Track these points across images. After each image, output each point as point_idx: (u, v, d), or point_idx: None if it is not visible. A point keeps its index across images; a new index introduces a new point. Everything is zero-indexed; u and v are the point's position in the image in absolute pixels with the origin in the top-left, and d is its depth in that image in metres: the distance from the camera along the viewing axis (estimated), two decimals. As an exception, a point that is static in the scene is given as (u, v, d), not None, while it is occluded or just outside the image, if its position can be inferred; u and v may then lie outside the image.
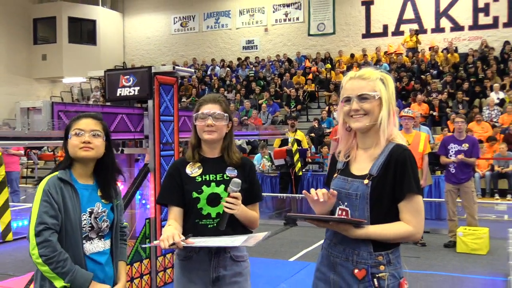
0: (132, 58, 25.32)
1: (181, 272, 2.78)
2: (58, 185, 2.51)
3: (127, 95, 6.00)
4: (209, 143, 2.81)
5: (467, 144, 7.97)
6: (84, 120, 2.64)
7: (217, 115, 2.77)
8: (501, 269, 6.45)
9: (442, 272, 6.68)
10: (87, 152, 2.58)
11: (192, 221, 2.74)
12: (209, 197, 2.74)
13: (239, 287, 2.80)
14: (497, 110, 14.90)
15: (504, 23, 19.46)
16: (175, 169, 2.83)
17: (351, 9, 21.66)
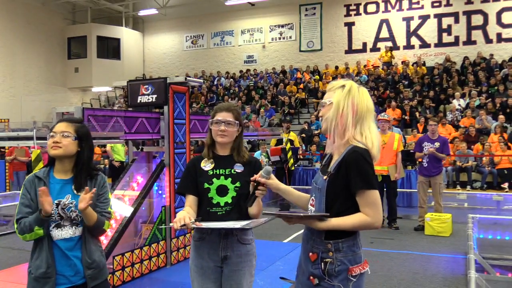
0: (151, 71, 25.26)
1: (195, 251, 2.81)
2: (33, 181, 2.58)
3: (146, 102, 5.99)
4: (221, 144, 2.85)
5: (439, 143, 7.98)
6: (58, 124, 2.65)
7: (230, 122, 2.81)
8: (461, 248, 6.44)
9: (412, 252, 6.67)
10: (55, 151, 2.58)
11: (204, 209, 2.77)
12: (218, 188, 2.77)
13: (243, 266, 2.82)
14: (458, 114, 14.87)
15: (463, 41, 19.44)
16: (192, 165, 2.87)
17: (336, 29, 21.61)
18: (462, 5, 19.42)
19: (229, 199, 2.77)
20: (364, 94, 2.29)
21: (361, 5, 21.07)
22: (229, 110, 2.84)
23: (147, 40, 25.89)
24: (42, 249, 2.56)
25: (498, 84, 15.92)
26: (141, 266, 5.44)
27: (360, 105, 2.25)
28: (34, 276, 2.53)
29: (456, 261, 6.12)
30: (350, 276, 2.17)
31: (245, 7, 22.55)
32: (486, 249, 6.07)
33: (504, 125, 13.38)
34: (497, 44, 18.86)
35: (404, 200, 10.35)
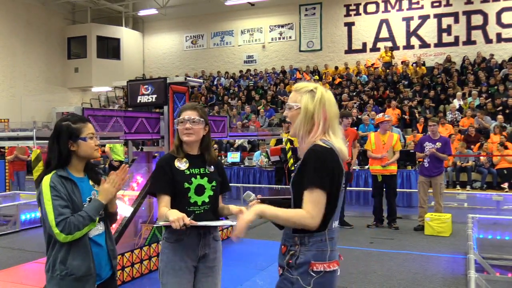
0: (151, 71, 25.26)
1: (172, 253, 2.77)
2: (60, 181, 2.47)
3: (146, 101, 6.00)
4: (188, 144, 2.86)
5: (440, 143, 7.97)
6: (90, 125, 2.66)
7: (194, 120, 2.83)
8: (461, 248, 6.43)
9: (412, 252, 6.67)
10: (98, 154, 2.69)
11: (182, 208, 2.73)
12: (197, 187, 2.80)
13: (218, 262, 2.91)
14: (457, 114, 14.87)
15: (463, 42, 19.45)
16: (165, 163, 2.83)
17: (336, 29, 21.62)
18: (462, 5, 19.42)
19: (206, 198, 2.82)
20: (332, 100, 2.32)
21: (361, 5, 21.07)
22: (194, 108, 2.87)
23: (147, 40, 25.89)
24: (79, 249, 2.49)
25: (498, 84, 15.92)
26: (141, 266, 5.44)
27: (330, 113, 2.28)
28: (75, 277, 2.47)
29: (456, 261, 6.12)
30: (311, 271, 2.15)
31: (245, 7, 22.55)
32: (486, 249, 6.07)
33: (503, 125, 13.38)
34: (497, 44, 18.86)
35: (404, 200, 10.35)
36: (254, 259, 6.17)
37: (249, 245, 6.91)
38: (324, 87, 2.38)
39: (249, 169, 12.43)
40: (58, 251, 2.48)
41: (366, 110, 15.66)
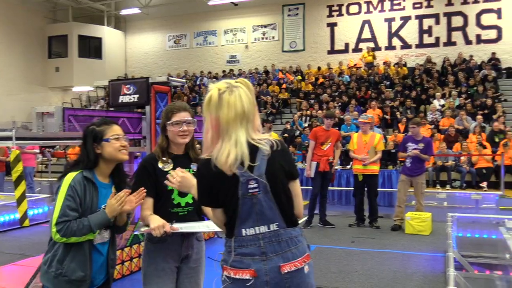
0: (133, 70, 25.08)
1: (155, 254, 2.76)
2: (82, 183, 2.48)
3: (128, 101, 5.96)
4: (179, 145, 2.82)
5: (423, 144, 8.05)
6: (117, 127, 2.64)
7: (190, 121, 2.79)
8: (441, 247, 6.52)
9: (393, 250, 6.74)
10: (125, 156, 2.63)
11: (165, 210, 2.72)
12: None
13: (201, 262, 2.90)
14: (438, 114, 15.06)
15: (444, 43, 19.72)
16: (149, 164, 2.77)
17: (318, 30, 21.73)
18: (442, 6, 19.69)
19: (190, 199, 2.78)
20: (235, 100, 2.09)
21: (343, 6, 21.21)
22: (186, 109, 2.82)
23: (129, 39, 25.71)
24: (79, 252, 2.49)
25: (477, 85, 16.17)
26: (122, 267, 5.41)
27: (224, 117, 2.08)
28: (68, 279, 2.47)
29: (435, 259, 6.20)
30: (224, 274, 2.14)
31: (228, 7, 22.53)
32: (465, 247, 6.15)
33: (482, 125, 13.59)
34: (476, 45, 19.16)
35: (385, 199, 10.45)
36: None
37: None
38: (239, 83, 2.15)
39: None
40: (58, 249, 2.50)
41: (348, 111, 15.77)
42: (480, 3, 19.12)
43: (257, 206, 2.09)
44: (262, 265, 2.07)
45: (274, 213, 2.11)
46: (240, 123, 2.09)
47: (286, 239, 2.12)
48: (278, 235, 2.11)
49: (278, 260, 2.08)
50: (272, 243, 2.09)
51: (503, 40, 18.80)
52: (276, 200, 2.11)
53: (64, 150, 17.73)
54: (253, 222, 2.10)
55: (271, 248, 2.09)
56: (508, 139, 12.52)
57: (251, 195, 2.08)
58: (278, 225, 2.11)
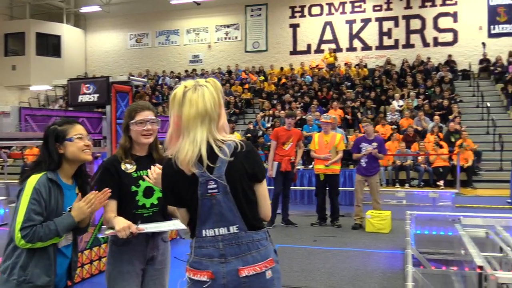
0: (93, 69, 24.59)
1: (120, 256, 2.71)
2: (47, 185, 2.39)
3: (88, 101, 5.84)
4: (143, 145, 2.78)
5: (376, 143, 8.21)
6: (79, 126, 2.58)
7: (153, 120, 2.76)
8: (400, 244, 6.66)
9: (354, 248, 6.85)
10: (89, 156, 2.56)
11: (129, 211, 2.68)
12: (145, 190, 2.73)
13: (166, 263, 2.87)
14: (397, 115, 15.39)
15: (403, 45, 20.19)
16: (112, 166, 2.73)
17: (281, 31, 21.86)
18: (401, 9, 20.15)
19: (155, 200, 2.75)
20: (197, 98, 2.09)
21: (305, 7, 21.42)
22: (150, 108, 2.80)
23: (90, 37, 25.19)
24: (43, 257, 2.41)
25: (435, 86, 16.63)
26: (82, 271, 5.30)
27: (185, 115, 2.08)
28: (32, 285, 2.38)
29: (394, 257, 6.34)
30: (186, 275, 2.13)
31: (191, 6, 22.38)
32: (423, 244, 6.30)
33: (439, 125, 13.98)
34: (433, 47, 19.71)
35: (346, 198, 10.60)
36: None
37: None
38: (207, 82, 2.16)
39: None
40: (20, 255, 2.39)
41: (310, 111, 15.93)
42: (437, 6, 19.68)
43: (217, 207, 2.06)
44: (220, 268, 2.04)
45: (234, 215, 2.07)
46: (201, 121, 2.07)
47: (247, 242, 2.08)
48: (238, 238, 2.07)
49: (237, 263, 2.05)
50: (231, 246, 2.06)
51: (459, 43, 19.41)
52: (236, 202, 2.07)
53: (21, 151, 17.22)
54: (212, 223, 2.07)
55: (230, 251, 2.06)
56: (463, 139, 12.93)
57: (210, 196, 2.05)
58: (239, 227, 2.07)
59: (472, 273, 3.77)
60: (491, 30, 19.07)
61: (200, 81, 2.15)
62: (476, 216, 5.93)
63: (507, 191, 10.47)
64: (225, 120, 2.17)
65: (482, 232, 5.42)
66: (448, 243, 5.95)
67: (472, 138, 13.38)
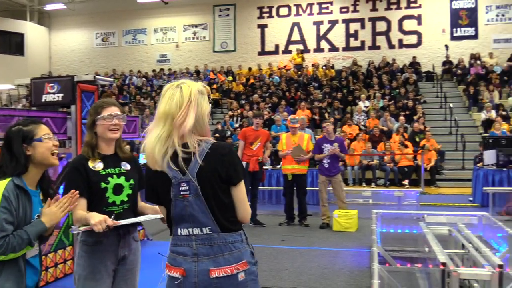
0: (58, 68, 24.06)
1: (91, 257, 2.68)
2: (15, 192, 2.26)
3: (52, 100, 5.71)
4: (111, 141, 2.77)
5: (337, 143, 8.33)
6: (45, 126, 2.46)
7: (120, 116, 2.77)
8: (366, 242, 6.76)
9: (322, 247, 6.91)
10: (57, 161, 2.47)
11: (99, 209, 2.65)
12: (115, 187, 2.72)
13: (137, 263, 2.87)
14: (363, 115, 15.62)
15: (369, 46, 20.53)
16: (80, 164, 2.70)
17: (249, 31, 21.89)
18: (367, 11, 20.47)
19: (125, 197, 2.75)
20: (168, 96, 2.13)
21: (273, 8, 21.51)
22: (116, 104, 2.82)
23: (54, 36, 24.64)
24: (14, 269, 2.28)
25: (400, 87, 16.95)
26: (46, 274, 5.17)
27: (157, 110, 2.17)
28: None
29: (361, 255, 6.43)
30: None
31: (158, 5, 22.17)
32: (388, 242, 6.41)
33: (404, 125, 14.27)
34: (399, 49, 20.10)
35: (313, 198, 10.67)
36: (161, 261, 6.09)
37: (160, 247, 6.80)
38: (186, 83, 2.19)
39: (163, 170, 12.21)
40: None
41: (278, 111, 16.00)
42: (402, 9, 20.09)
43: (189, 208, 2.09)
44: (192, 266, 2.08)
45: (206, 217, 2.09)
46: (165, 120, 2.09)
47: (220, 243, 2.09)
48: (210, 239, 2.09)
49: (208, 264, 2.07)
50: (204, 246, 2.09)
51: (423, 45, 19.86)
52: (208, 204, 2.08)
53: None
54: (186, 223, 2.11)
55: (203, 251, 2.09)
56: (427, 139, 13.23)
57: (182, 197, 2.09)
58: (211, 229, 2.09)
59: (436, 270, 3.86)
60: (453, 33, 19.59)
61: (182, 82, 2.17)
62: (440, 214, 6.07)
63: (469, 189, 10.76)
64: (201, 123, 2.16)
65: (445, 229, 5.56)
66: (412, 241, 6.07)
67: (435, 138, 13.71)
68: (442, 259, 3.69)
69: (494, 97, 15.89)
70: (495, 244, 5.23)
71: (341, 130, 14.43)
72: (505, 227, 5.04)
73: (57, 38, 24.59)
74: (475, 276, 3.85)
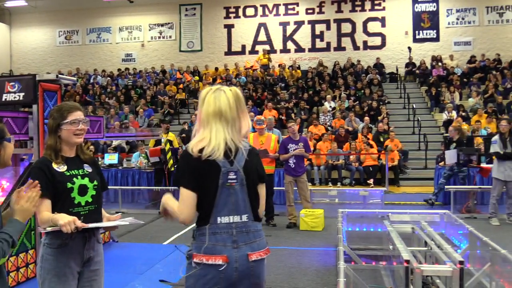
0: (19, 67, 23.40)
1: (57, 259, 2.65)
2: None
3: (13, 100, 5.56)
4: (72, 145, 2.79)
5: (302, 143, 8.41)
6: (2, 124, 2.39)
7: (85, 120, 2.80)
8: (332, 241, 6.83)
9: (289, 247, 6.95)
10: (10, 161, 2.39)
11: (65, 210, 2.64)
12: (80, 187, 2.72)
13: (102, 264, 2.87)
14: (329, 116, 15.80)
15: (334, 47, 20.78)
16: (44, 166, 2.69)
17: (216, 31, 21.83)
18: (333, 13, 20.72)
19: (90, 198, 2.76)
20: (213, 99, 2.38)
21: (240, 8, 21.51)
22: (80, 108, 2.85)
23: (15, 33, 23.93)
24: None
25: (364, 88, 17.23)
26: (8, 279, 5.02)
27: (204, 111, 2.38)
28: None
29: (327, 254, 6.50)
30: (193, 262, 2.29)
31: (123, 3, 21.84)
32: (354, 240, 6.50)
33: (369, 125, 14.51)
34: (363, 51, 20.43)
35: (280, 198, 10.71)
36: (133, 263, 6.02)
37: (127, 249, 6.72)
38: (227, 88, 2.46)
39: (128, 170, 12.06)
40: None
41: (245, 111, 15.98)
42: (367, 11, 20.43)
43: (233, 196, 2.33)
44: (233, 253, 2.29)
45: (246, 206, 2.36)
46: (218, 119, 2.35)
47: (253, 231, 2.37)
48: (247, 226, 2.35)
49: (246, 249, 2.32)
50: (242, 233, 2.33)
51: (386, 47, 20.24)
52: (248, 193, 2.37)
53: None
54: (228, 211, 2.32)
55: (241, 238, 2.32)
56: (391, 139, 13.50)
57: (229, 186, 2.32)
58: (248, 217, 2.36)
59: (400, 267, 3.94)
60: (416, 35, 20.05)
61: (222, 87, 2.46)
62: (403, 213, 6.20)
63: (432, 188, 11.02)
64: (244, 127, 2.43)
65: (409, 227, 5.68)
66: (377, 239, 6.18)
67: (399, 138, 14.00)
68: (405, 257, 3.77)
69: (455, 98, 16.35)
70: (456, 241, 5.38)
71: (307, 130, 14.55)
72: (465, 225, 5.19)
73: (18, 36, 23.90)
74: (437, 273, 3.96)
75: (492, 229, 7.81)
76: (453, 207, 8.98)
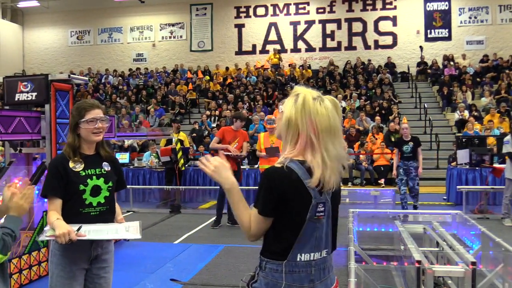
0: (32, 67, 23.62)
1: (63, 255, 2.69)
2: None
3: (25, 100, 5.62)
4: (91, 143, 2.80)
5: None
6: None
7: (104, 119, 2.79)
8: (343, 241, 6.76)
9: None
10: None
11: (76, 210, 2.67)
12: (93, 188, 2.73)
13: (110, 261, 2.87)
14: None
15: (345, 47, 20.70)
16: (60, 164, 2.71)
17: (226, 31, 21.85)
18: (344, 12, 20.65)
19: (102, 199, 2.76)
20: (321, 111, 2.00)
21: (250, 7, 21.51)
22: (99, 107, 2.83)
23: (28, 33, 24.16)
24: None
25: (375, 88, 17.15)
26: (20, 277, 5.07)
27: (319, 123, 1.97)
28: None
29: (338, 254, 6.45)
30: None
31: (135, 3, 21.96)
32: (365, 241, 6.48)
33: (380, 125, 14.43)
34: (374, 50, 20.32)
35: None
36: (144, 262, 6.05)
37: (138, 248, 6.75)
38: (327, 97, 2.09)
39: (139, 170, 12.13)
40: None
41: (255, 111, 16.01)
42: (378, 10, 20.32)
43: (319, 231, 2.00)
44: None
45: (327, 240, 2.05)
46: (333, 136, 1.97)
47: (328, 266, 2.07)
48: (325, 262, 2.05)
49: (321, 287, 2.03)
50: (319, 270, 2.02)
51: (398, 46, 20.12)
52: (332, 225, 2.07)
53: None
54: (310, 248, 1.99)
55: (317, 275, 2.02)
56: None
57: (316, 219, 1.98)
58: (327, 251, 2.06)
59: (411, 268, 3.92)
60: (427, 34, 19.90)
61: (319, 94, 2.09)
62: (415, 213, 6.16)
63: (443, 188, 10.94)
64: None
65: (420, 228, 5.65)
66: (388, 239, 6.15)
67: (410, 138, 13.88)
68: (417, 257, 3.74)
69: (467, 97, 16.21)
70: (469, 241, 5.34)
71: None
72: (478, 225, 5.14)
73: (30, 36, 24.14)
74: (449, 274, 3.93)
75: (505, 230, 7.74)
76: (465, 208, 8.90)
